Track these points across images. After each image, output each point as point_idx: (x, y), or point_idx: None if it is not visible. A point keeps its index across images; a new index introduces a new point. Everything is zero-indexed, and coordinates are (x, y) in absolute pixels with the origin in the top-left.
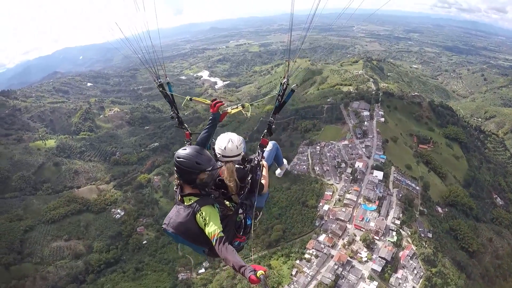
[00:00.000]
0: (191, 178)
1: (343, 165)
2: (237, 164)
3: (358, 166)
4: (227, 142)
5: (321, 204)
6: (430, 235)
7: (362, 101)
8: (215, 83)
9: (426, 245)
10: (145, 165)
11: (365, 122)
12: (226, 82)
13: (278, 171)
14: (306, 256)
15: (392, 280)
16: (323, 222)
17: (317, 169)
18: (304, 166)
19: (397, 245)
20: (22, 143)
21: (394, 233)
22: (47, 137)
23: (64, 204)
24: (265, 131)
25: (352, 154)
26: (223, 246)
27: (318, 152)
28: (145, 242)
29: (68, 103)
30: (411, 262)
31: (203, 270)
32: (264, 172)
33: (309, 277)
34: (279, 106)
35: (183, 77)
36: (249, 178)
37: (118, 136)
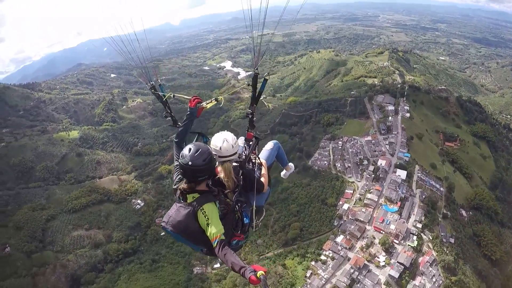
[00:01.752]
0: (208, 173)
1: (365, 162)
2: (235, 162)
3: (381, 164)
4: (222, 141)
5: (341, 202)
6: (452, 240)
7: (387, 95)
8: (238, 73)
9: (448, 252)
10: (166, 156)
11: (390, 117)
12: (249, 73)
13: (283, 172)
14: (322, 257)
15: (409, 287)
16: (342, 222)
17: (339, 165)
18: (325, 162)
19: (417, 250)
20: (46, 134)
21: (415, 237)
22: (71, 128)
23: (86, 194)
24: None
25: (375, 151)
26: (223, 249)
27: (340, 147)
28: (162, 234)
29: (91, 95)
30: (430, 269)
31: (218, 265)
32: (264, 170)
33: (324, 280)
34: (254, 96)
35: (206, 68)
36: (240, 175)
37: (140, 127)
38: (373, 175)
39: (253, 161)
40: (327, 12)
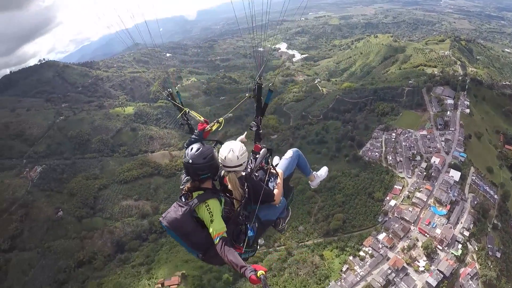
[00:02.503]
0: (210, 171)
1: (418, 158)
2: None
3: (434, 162)
4: (228, 151)
5: (388, 198)
6: (498, 254)
7: (446, 87)
8: (293, 56)
9: (491, 266)
10: (218, 135)
11: (448, 112)
12: (304, 55)
13: (311, 183)
14: (361, 253)
15: None
16: (386, 219)
17: (390, 158)
18: (377, 153)
19: (460, 260)
20: (103, 110)
21: (460, 245)
22: (126, 104)
23: (138, 166)
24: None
25: (430, 147)
26: (225, 247)
27: (393, 139)
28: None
29: (147, 73)
30: (470, 282)
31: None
32: (279, 180)
33: (359, 277)
34: (259, 107)
35: (261, 49)
36: (245, 188)
37: (193, 105)
38: (424, 173)
39: (270, 171)
40: None
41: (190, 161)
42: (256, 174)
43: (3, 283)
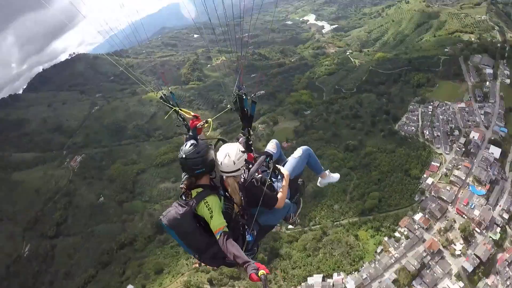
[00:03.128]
0: (205, 166)
1: (456, 132)
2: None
3: (473, 137)
4: (224, 156)
5: (425, 175)
6: None
7: (485, 55)
8: (322, 27)
9: None
10: (257, 115)
11: (487, 82)
12: (334, 26)
13: (319, 180)
14: (396, 234)
15: (480, 285)
16: (423, 198)
17: (427, 133)
18: (413, 128)
19: (498, 244)
20: (135, 96)
21: (499, 229)
22: (159, 88)
23: (174, 149)
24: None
25: (468, 121)
26: (227, 241)
27: (429, 112)
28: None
29: (176, 56)
30: (507, 269)
31: (291, 226)
32: (284, 183)
33: (393, 259)
34: (245, 119)
35: (289, 22)
36: (241, 195)
37: (225, 84)
38: (463, 149)
39: (275, 172)
40: None
41: (184, 155)
42: (258, 177)
43: (51, 267)
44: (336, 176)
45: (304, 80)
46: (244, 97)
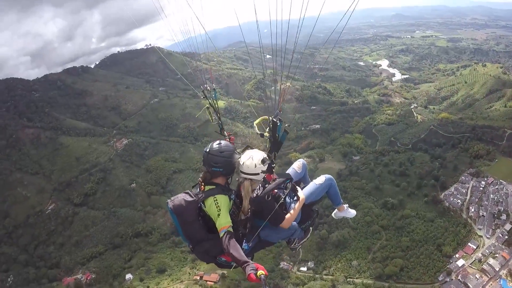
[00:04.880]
0: (224, 166)
1: (503, 216)
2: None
3: None
4: (247, 157)
5: (457, 255)
6: None
7: None
8: (393, 74)
9: None
10: (301, 144)
11: None
12: (405, 76)
13: (334, 212)
14: None
15: None
16: (447, 280)
17: (472, 209)
18: (459, 201)
19: None
20: (195, 99)
21: None
22: (219, 97)
23: None
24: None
25: None
26: (230, 241)
27: (481, 189)
28: None
29: (244, 71)
30: None
31: (304, 269)
32: (297, 205)
33: None
34: (274, 144)
35: (361, 63)
36: (247, 208)
37: (283, 110)
38: (506, 237)
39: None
40: (500, 19)
41: (208, 150)
42: (275, 191)
43: (66, 231)
44: (352, 212)
45: (361, 124)
46: (279, 124)
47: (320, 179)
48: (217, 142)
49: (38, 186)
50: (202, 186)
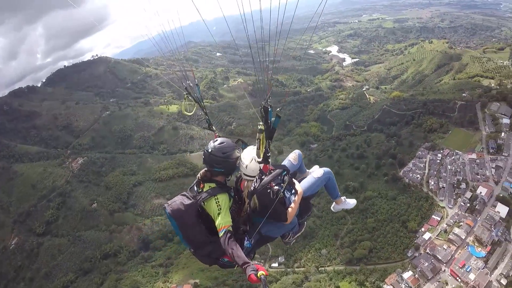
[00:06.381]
0: (225, 167)
1: (463, 185)
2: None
3: (481, 192)
4: (250, 160)
5: (423, 229)
6: None
7: (503, 103)
8: (343, 59)
9: None
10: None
11: (502, 133)
12: (355, 60)
13: (333, 205)
14: None
15: None
16: (416, 255)
17: (432, 182)
18: (418, 176)
19: None
20: (148, 106)
21: None
22: (171, 102)
23: (174, 166)
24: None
25: (477, 174)
26: (229, 240)
27: (438, 161)
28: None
29: (195, 72)
30: None
31: (276, 265)
32: (296, 199)
33: None
34: (267, 131)
35: (311, 51)
36: (247, 204)
37: (237, 106)
38: (468, 204)
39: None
40: None
41: (210, 150)
42: (275, 189)
43: (33, 265)
44: (352, 202)
45: (316, 112)
46: (269, 109)
47: (319, 172)
48: (219, 141)
49: None
50: (202, 185)
